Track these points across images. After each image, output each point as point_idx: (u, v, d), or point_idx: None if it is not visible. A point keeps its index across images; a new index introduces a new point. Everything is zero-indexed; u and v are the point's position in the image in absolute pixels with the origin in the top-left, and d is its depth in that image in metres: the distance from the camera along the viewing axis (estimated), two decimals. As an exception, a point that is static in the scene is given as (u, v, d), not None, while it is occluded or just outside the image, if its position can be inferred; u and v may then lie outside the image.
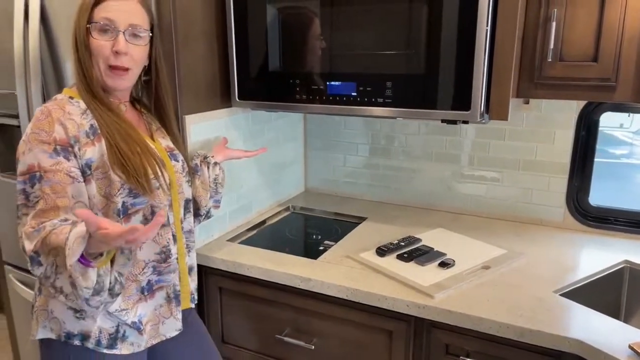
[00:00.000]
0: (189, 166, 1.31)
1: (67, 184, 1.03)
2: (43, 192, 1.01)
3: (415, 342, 1.31)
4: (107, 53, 1.09)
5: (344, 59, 1.41)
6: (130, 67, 1.13)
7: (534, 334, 1.13)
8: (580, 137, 1.67)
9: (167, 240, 1.18)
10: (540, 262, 1.47)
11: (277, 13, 1.46)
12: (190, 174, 1.32)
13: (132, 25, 1.10)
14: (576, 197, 1.72)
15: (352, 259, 1.49)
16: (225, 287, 1.56)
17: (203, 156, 1.41)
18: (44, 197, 1.01)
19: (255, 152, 1.60)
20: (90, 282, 0.91)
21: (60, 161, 1.03)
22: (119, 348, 1.14)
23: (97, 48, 1.09)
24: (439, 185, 1.91)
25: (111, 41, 1.09)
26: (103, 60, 1.10)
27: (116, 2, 1.09)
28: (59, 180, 1.02)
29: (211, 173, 1.41)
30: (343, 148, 2.06)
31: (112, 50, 1.09)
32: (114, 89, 1.15)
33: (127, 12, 1.10)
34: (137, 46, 1.12)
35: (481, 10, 1.21)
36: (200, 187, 1.38)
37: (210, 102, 1.56)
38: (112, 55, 1.10)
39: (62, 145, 1.04)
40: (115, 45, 1.09)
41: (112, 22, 1.09)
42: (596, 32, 1.28)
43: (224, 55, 1.57)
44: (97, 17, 1.08)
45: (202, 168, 1.40)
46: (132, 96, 1.26)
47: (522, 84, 1.39)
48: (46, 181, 1.02)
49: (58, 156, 1.03)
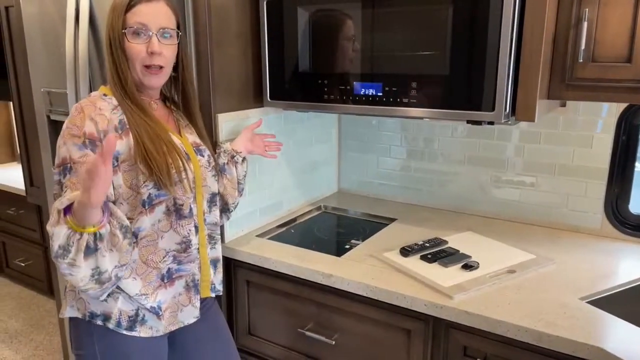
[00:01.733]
0: (215, 161, 1.37)
1: None
2: (71, 182, 1.10)
3: (434, 343, 1.31)
4: (143, 55, 1.18)
5: (371, 60, 1.43)
6: (163, 65, 1.21)
7: (552, 339, 1.11)
8: (620, 142, 1.60)
9: (188, 231, 1.24)
10: (571, 268, 1.43)
11: (308, 16, 1.51)
12: (216, 170, 1.38)
13: (163, 27, 1.18)
14: (615, 203, 1.65)
15: (376, 257, 1.50)
16: (252, 281, 1.61)
17: (230, 155, 1.45)
18: (71, 187, 1.09)
19: (274, 155, 1.64)
20: (56, 233, 1.00)
21: (88, 153, 1.11)
22: (138, 331, 1.21)
23: (134, 51, 1.17)
24: (472, 188, 1.89)
25: (145, 43, 1.17)
26: (140, 61, 1.18)
27: (147, 6, 1.17)
28: None
29: (240, 172, 1.45)
30: (377, 150, 2.07)
31: (147, 51, 1.17)
32: (150, 87, 1.23)
33: (157, 15, 1.18)
34: (168, 45, 1.20)
35: (506, 11, 1.21)
36: (228, 185, 1.43)
37: (243, 101, 1.62)
38: (148, 56, 1.18)
39: (91, 139, 1.12)
40: (149, 47, 1.17)
41: (145, 25, 1.16)
42: (630, 32, 1.24)
43: (256, 56, 1.63)
44: (131, 22, 1.16)
45: (231, 168, 1.44)
46: (163, 94, 1.33)
47: (553, 85, 1.36)
48: (74, 172, 1.10)
49: (86, 149, 1.11)
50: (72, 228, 1.01)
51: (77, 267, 1.04)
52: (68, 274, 1.05)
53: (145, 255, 1.20)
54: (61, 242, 1.01)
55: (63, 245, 1.02)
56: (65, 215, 1.01)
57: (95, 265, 1.06)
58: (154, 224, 1.20)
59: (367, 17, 1.41)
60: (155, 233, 1.20)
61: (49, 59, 1.80)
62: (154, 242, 1.20)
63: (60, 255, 1.02)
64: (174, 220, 1.22)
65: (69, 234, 1.01)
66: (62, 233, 1.01)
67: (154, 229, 1.20)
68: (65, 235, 1.01)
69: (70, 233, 1.01)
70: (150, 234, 1.20)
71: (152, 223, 1.19)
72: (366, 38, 1.42)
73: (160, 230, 1.21)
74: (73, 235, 1.02)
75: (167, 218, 1.21)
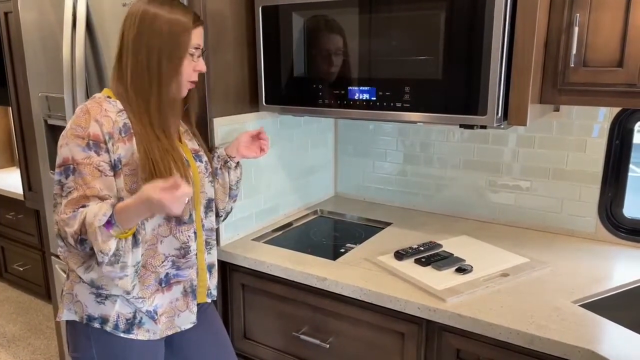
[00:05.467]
0: (212, 167, 1.38)
1: (95, 176, 1.11)
2: (75, 182, 1.11)
3: (427, 346, 1.31)
4: (191, 72, 1.24)
5: (365, 64, 1.44)
6: None
7: (543, 341, 1.11)
8: (613, 146, 1.61)
9: (187, 237, 1.25)
10: (565, 272, 1.43)
11: (303, 21, 1.52)
12: (213, 175, 1.38)
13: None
14: (609, 207, 1.66)
15: (370, 261, 1.51)
16: (247, 284, 1.62)
17: (223, 160, 1.44)
18: (76, 188, 1.10)
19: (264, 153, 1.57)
20: (108, 248, 1.05)
21: (91, 155, 1.12)
22: (135, 333, 1.22)
23: (189, 69, 1.22)
24: (468, 193, 1.89)
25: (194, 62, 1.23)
26: (187, 77, 1.23)
27: (200, 29, 1.23)
28: (89, 173, 1.11)
29: (232, 177, 1.44)
30: (374, 154, 2.08)
31: (194, 69, 1.23)
32: (180, 99, 1.27)
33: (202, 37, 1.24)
34: None
35: (497, 16, 1.22)
36: (219, 190, 1.43)
37: (239, 106, 1.63)
38: (194, 74, 1.24)
39: (95, 141, 1.13)
40: (199, 67, 1.24)
41: (201, 46, 1.24)
42: (621, 36, 1.25)
43: (252, 61, 1.65)
44: (194, 43, 1.21)
45: (223, 173, 1.43)
46: None
47: (545, 89, 1.37)
48: (78, 173, 1.11)
49: (90, 150, 1.12)
50: (119, 237, 1.07)
51: (128, 267, 1.11)
52: (123, 275, 1.12)
53: (145, 259, 1.21)
54: (112, 253, 1.06)
55: (114, 254, 1.07)
56: (108, 230, 1.05)
57: (137, 259, 1.13)
58: (154, 228, 1.21)
59: (361, 22, 1.42)
60: (155, 237, 1.21)
61: (47, 64, 1.82)
62: (153, 246, 1.21)
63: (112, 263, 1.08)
64: (174, 225, 1.23)
65: (117, 243, 1.07)
66: (113, 246, 1.06)
67: (153, 234, 1.21)
68: (115, 247, 1.06)
69: (118, 242, 1.07)
70: (149, 238, 1.20)
71: (152, 228, 1.20)
72: (360, 43, 1.44)
73: (160, 235, 1.22)
74: (120, 242, 1.07)
75: (166, 223, 1.22)
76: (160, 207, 1.02)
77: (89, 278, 1.17)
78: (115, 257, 1.07)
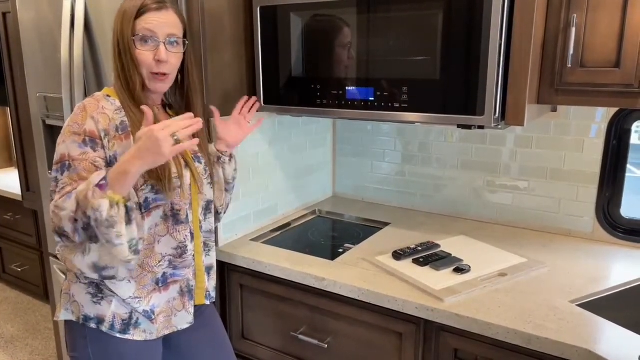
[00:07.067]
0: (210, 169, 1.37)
1: (90, 172, 1.11)
2: (70, 178, 1.11)
3: (425, 345, 1.31)
4: (150, 62, 1.18)
5: (363, 65, 1.44)
6: (169, 72, 1.22)
7: (541, 341, 1.11)
8: (611, 146, 1.62)
9: (184, 236, 1.25)
10: (562, 272, 1.44)
11: (301, 21, 1.52)
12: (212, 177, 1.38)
13: (170, 35, 1.19)
14: (607, 208, 1.66)
15: (368, 261, 1.51)
16: (245, 285, 1.62)
17: (216, 157, 1.42)
18: (70, 183, 1.10)
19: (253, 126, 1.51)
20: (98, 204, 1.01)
21: (87, 151, 1.12)
22: (132, 334, 1.22)
23: (142, 58, 1.18)
24: (466, 193, 1.90)
25: (153, 51, 1.18)
26: (147, 68, 1.19)
27: (156, 14, 1.17)
28: (84, 168, 1.11)
29: (228, 172, 1.43)
30: (372, 155, 2.08)
31: (154, 59, 1.18)
32: (154, 92, 1.25)
33: (165, 23, 1.18)
34: (175, 54, 1.21)
35: (495, 16, 1.22)
36: (216, 188, 1.42)
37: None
38: (155, 64, 1.19)
39: (91, 137, 1.13)
40: (157, 55, 1.18)
41: (154, 33, 1.17)
42: (618, 37, 1.26)
43: (250, 61, 1.65)
44: (140, 29, 1.17)
45: (218, 170, 1.42)
46: (164, 101, 1.34)
47: (542, 90, 1.38)
48: (73, 169, 1.11)
49: (86, 147, 1.12)
50: (112, 200, 1.03)
51: (123, 236, 1.06)
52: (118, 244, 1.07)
53: (142, 259, 1.20)
54: (105, 214, 1.02)
55: (107, 217, 1.03)
56: (101, 191, 1.03)
57: (132, 236, 1.09)
58: (151, 227, 1.21)
59: (360, 23, 1.42)
60: (152, 237, 1.21)
61: (45, 64, 1.81)
62: (150, 245, 1.21)
63: (107, 226, 1.04)
64: (171, 225, 1.23)
65: (110, 207, 1.03)
66: (105, 206, 1.02)
67: (150, 233, 1.21)
68: (107, 207, 1.02)
69: (111, 206, 1.03)
70: (147, 237, 1.20)
71: (149, 227, 1.20)
72: (358, 43, 1.44)
73: (157, 234, 1.22)
74: (113, 208, 1.03)
75: (164, 223, 1.22)
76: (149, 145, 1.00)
77: (90, 262, 1.14)
78: (108, 222, 1.03)
